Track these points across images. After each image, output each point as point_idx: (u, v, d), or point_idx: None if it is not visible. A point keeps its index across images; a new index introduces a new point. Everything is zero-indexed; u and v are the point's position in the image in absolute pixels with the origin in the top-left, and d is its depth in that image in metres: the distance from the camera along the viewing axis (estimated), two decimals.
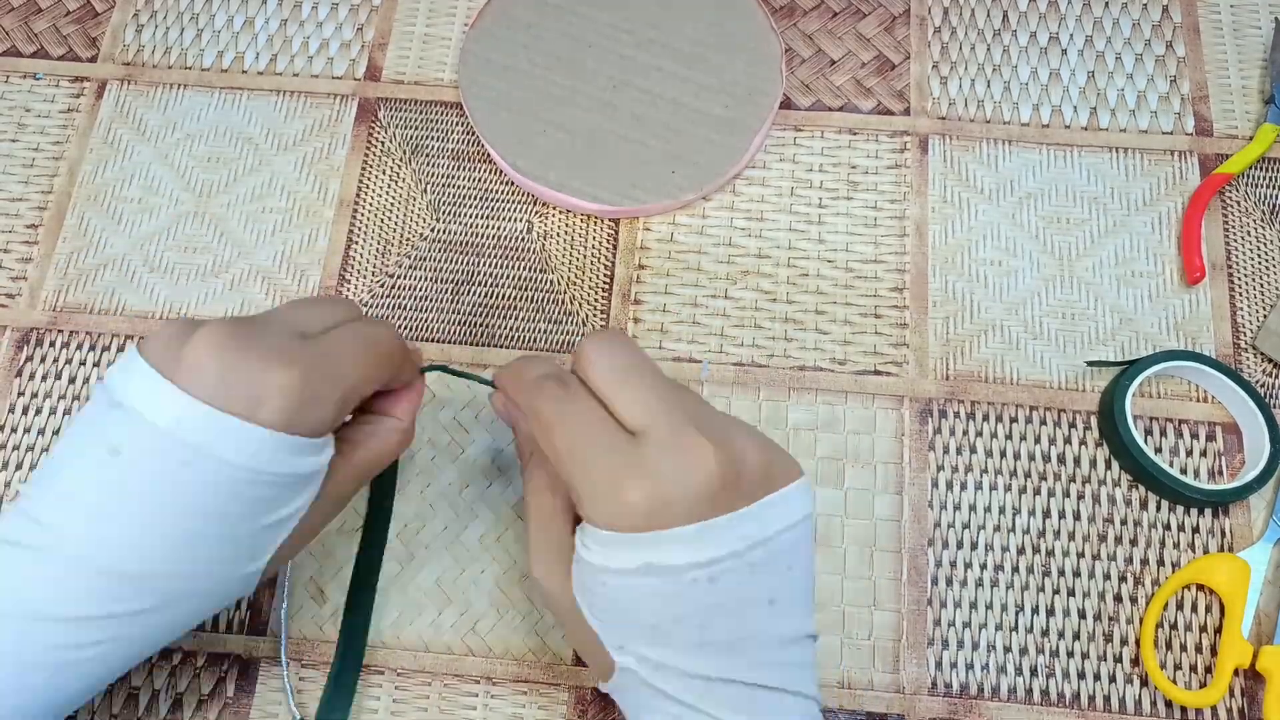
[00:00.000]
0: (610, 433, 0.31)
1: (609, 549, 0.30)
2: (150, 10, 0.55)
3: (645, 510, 0.29)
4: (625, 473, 0.30)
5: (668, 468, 0.29)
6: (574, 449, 0.31)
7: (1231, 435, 0.45)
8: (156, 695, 0.42)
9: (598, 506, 0.30)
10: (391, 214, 0.51)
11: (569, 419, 0.31)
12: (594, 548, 0.31)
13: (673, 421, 0.30)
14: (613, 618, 0.31)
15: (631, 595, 0.30)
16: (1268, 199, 0.50)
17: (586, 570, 0.31)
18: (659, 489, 0.29)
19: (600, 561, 0.30)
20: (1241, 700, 0.42)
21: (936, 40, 0.53)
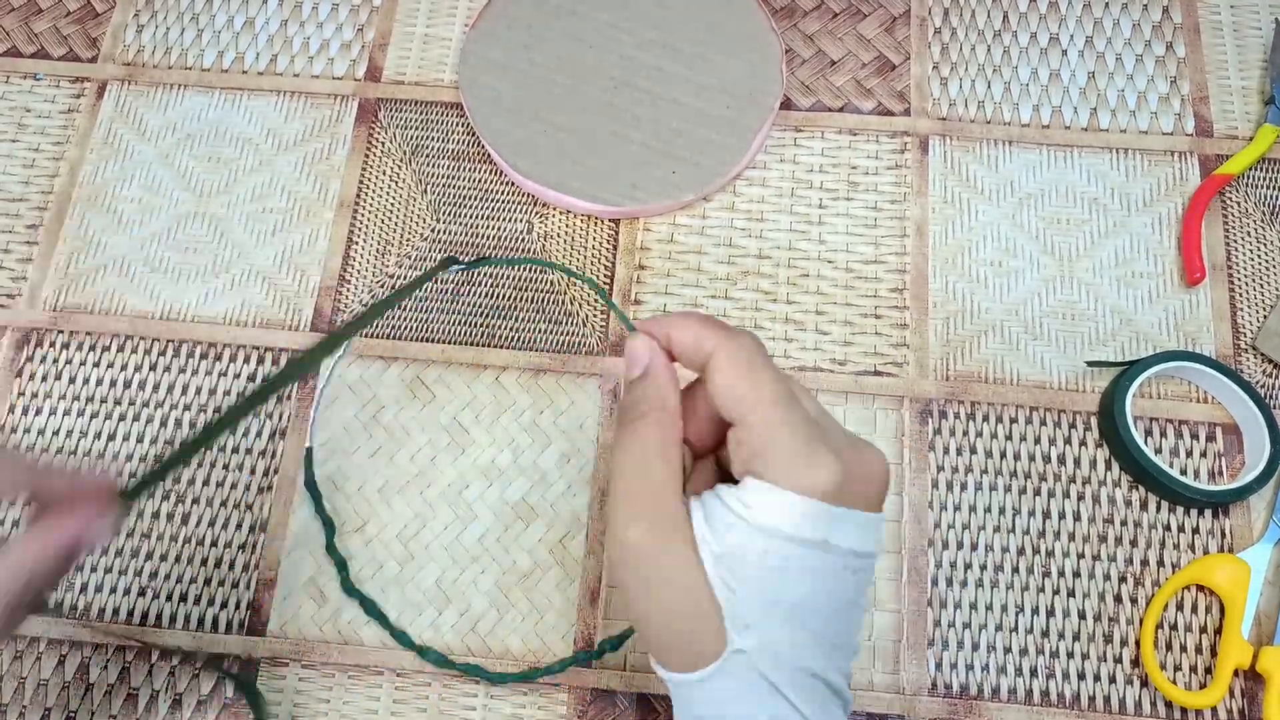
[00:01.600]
0: (802, 405, 0.31)
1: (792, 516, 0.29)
2: (150, 10, 0.55)
3: (838, 482, 0.29)
4: (823, 443, 0.29)
5: (852, 454, 0.30)
6: (779, 401, 0.30)
7: (1231, 436, 0.45)
8: (156, 695, 0.42)
9: (789, 464, 0.29)
10: (391, 214, 0.51)
11: (779, 376, 0.31)
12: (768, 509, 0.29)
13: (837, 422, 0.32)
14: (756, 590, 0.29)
15: (793, 568, 0.29)
16: (1268, 200, 0.50)
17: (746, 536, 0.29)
18: (846, 467, 0.29)
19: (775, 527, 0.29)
20: (1241, 701, 0.41)
21: (937, 41, 0.53)
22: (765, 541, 0.29)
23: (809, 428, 0.30)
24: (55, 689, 0.43)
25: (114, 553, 0.45)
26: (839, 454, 0.29)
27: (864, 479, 0.30)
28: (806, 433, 0.29)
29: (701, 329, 0.32)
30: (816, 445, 0.29)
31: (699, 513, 0.30)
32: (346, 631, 0.43)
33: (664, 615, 0.30)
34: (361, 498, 0.45)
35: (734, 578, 0.29)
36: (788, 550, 0.29)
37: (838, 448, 0.30)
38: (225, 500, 0.45)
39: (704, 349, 0.31)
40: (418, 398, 0.47)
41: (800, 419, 0.30)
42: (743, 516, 0.29)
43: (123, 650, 0.43)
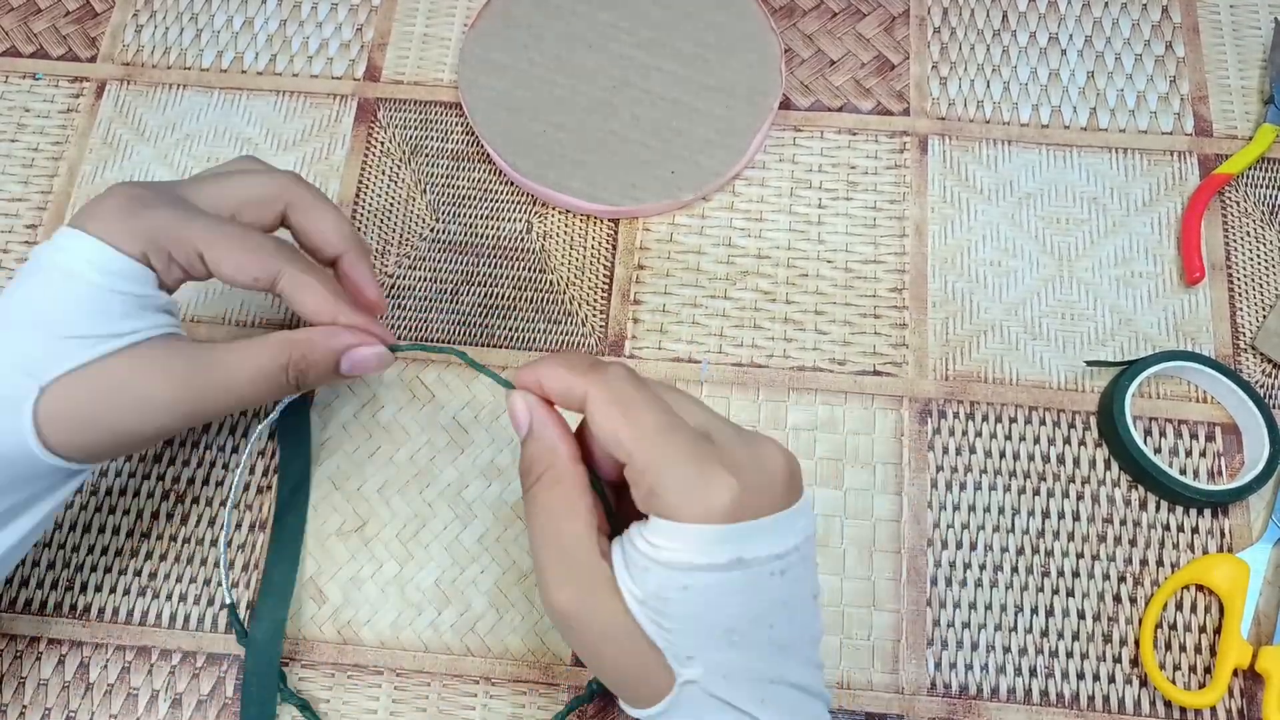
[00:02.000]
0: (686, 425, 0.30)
1: (699, 546, 0.29)
2: (150, 10, 0.55)
3: (729, 501, 0.29)
4: (713, 462, 0.29)
5: (747, 461, 0.30)
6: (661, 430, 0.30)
7: (1231, 436, 0.45)
8: (156, 695, 0.42)
9: (687, 498, 0.29)
10: (391, 214, 0.51)
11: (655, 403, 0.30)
12: (673, 546, 0.29)
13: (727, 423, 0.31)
14: (688, 624, 0.29)
15: (716, 594, 0.29)
16: (1267, 199, 0.50)
17: (662, 578, 0.29)
18: (742, 480, 0.29)
19: (686, 561, 0.29)
20: (1241, 700, 0.42)
21: (936, 40, 0.53)
22: (681, 577, 0.29)
23: (695, 450, 0.29)
24: (55, 689, 0.43)
25: (114, 553, 0.45)
26: (732, 467, 0.29)
27: (764, 483, 0.30)
28: (693, 456, 0.29)
29: (569, 374, 0.32)
30: (706, 466, 0.29)
31: (619, 558, 0.30)
32: (346, 632, 0.43)
33: (611, 665, 0.30)
34: (361, 498, 0.45)
35: (663, 617, 0.29)
36: (704, 580, 0.29)
37: (730, 461, 0.30)
38: (225, 500, 0.45)
39: (575, 395, 0.32)
40: (417, 398, 0.47)
41: (684, 443, 0.29)
42: (654, 558, 0.29)
43: (122, 650, 0.43)
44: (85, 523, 0.45)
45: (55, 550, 0.45)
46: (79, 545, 0.45)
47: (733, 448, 0.30)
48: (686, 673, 0.30)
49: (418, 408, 0.47)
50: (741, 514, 0.29)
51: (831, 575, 0.44)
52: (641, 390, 0.31)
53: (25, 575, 0.44)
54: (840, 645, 0.43)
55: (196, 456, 0.46)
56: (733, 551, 0.29)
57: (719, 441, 0.30)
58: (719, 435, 0.31)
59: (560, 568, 0.31)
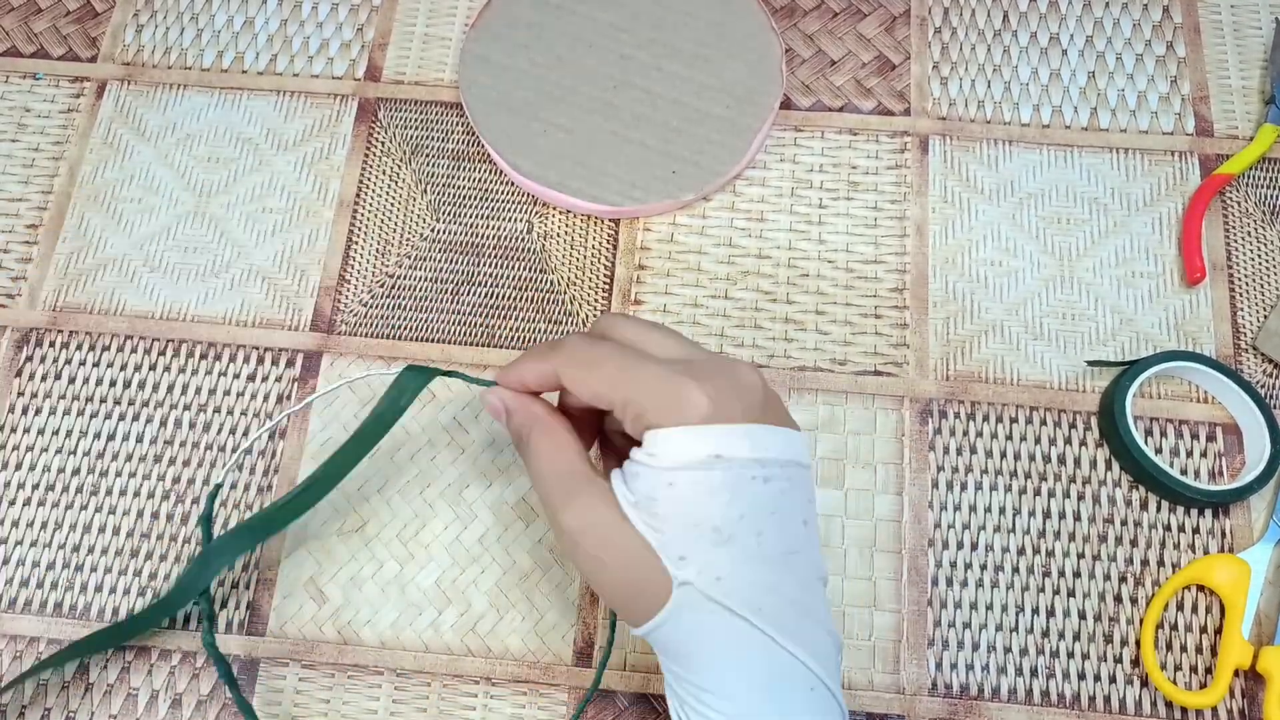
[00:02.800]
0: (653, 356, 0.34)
1: (680, 445, 0.31)
2: (150, 10, 0.55)
3: (707, 404, 0.32)
4: (686, 377, 0.32)
5: (720, 376, 0.33)
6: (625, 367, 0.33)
7: (1232, 436, 0.45)
8: (156, 695, 0.42)
9: (662, 409, 0.32)
10: (391, 214, 0.51)
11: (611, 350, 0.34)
12: (661, 450, 0.32)
13: (704, 350, 0.35)
14: (677, 524, 0.31)
15: (700, 490, 0.31)
16: (1268, 199, 0.50)
17: (651, 478, 0.32)
18: (717, 388, 0.32)
19: (670, 460, 0.31)
20: (1241, 701, 0.41)
21: (937, 40, 0.53)
22: (668, 475, 0.31)
23: (664, 370, 0.33)
24: (55, 689, 0.43)
25: (114, 553, 0.45)
26: (704, 379, 0.32)
27: (737, 394, 0.33)
28: (663, 375, 0.32)
29: (538, 363, 0.35)
30: (678, 381, 0.32)
31: (616, 479, 0.33)
32: (346, 632, 0.43)
33: (615, 575, 0.33)
34: (361, 498, 0.45)
35: (655, 519, 0.32)
36: (688, 476, 0.31)
37: (703, 375, 0.32)
38: (225, 500, 0.45)
39: (549, 375, 0.35)
40: (418, 398, 0.47)
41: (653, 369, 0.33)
42: (647, 464, 0.32)
43: (122, 650, 0.43)
44: (85, 523, 0.45)
45: (55, 550, 0.45)
46: (79, 545, 0.45)
47: (707, 367, 0.33)
48: (681, 573, 0.31)
49: (418, 408, 0.47)
50: (716, 417, 0.32)
51: (833, 575, 0.44)
52: (598, 345, 0.34)
53: (25, 575, 0.44)
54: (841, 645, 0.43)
55: (197, 457, 0.46)
56: (711, 448, 0.31)
57: (699, 361, 0.34)
58: (693, 359, 0.34)
59: (562, 491, 0.34)
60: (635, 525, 0.32)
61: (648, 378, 0.33)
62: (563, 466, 0.34)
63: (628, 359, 0.33)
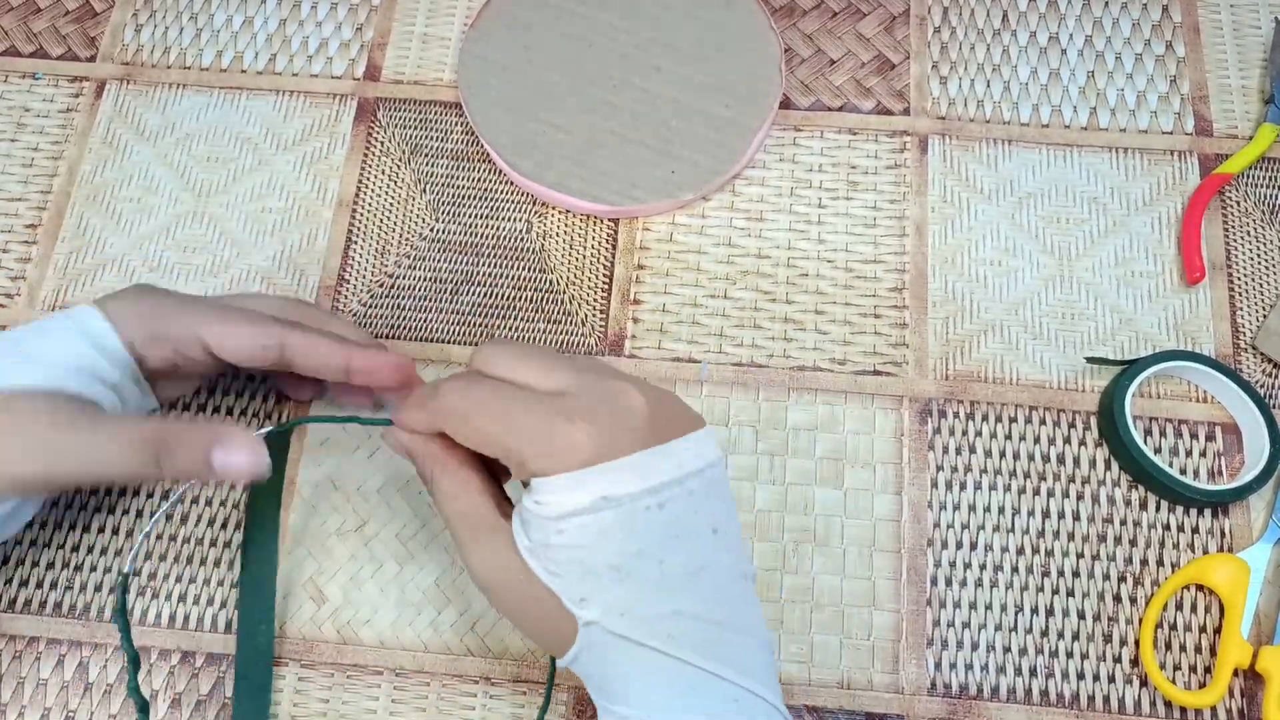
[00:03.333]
0: (530, 393, 0.32)
1: (563, 493, 0.31)
2: (150, 10, 0.55)
3: (588, 445, 0.31)
4: (561, 417, 0.31)
5: (600, 407, 0.31)
6: (499, 415, 0.32)
7: (1231, 435, 0.45)
8: (155, 695, 0.42)
9: (541, 456, 0.31)
10: (391, 214, 0.51)
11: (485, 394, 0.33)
12: (547, 499, 0.31)
13: (590, 374, 0.33)
14: (574, 568, 0.31)
15: (592, 534, 0.31)
16: (1268, 199, 0.50)
17: (541, 526, 0.31)
18: (597, 424, 0.31)
19: (556, 509, 0.31)
20: (1241, 701, 0.42)
21: (936, 40, 0.53)
22: (557, 524, 0.31)
23: (539, 415, 0.31)
24: (54, 689, 0.43)
25: (114, 553, 0.45)
26: (581, 417, 0.31)
27: (620, 424, 0.31)
28: (540, 420, 0.31)
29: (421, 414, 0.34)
30: (555, 423, 0.31)
31: (516, 520, 0.33)
32: (346, 631, 0.43)
33: (526, 616, 0.33)
34: (361, 498, 0.45)
35: (551, 563, 0.31)
36: (576, 522, 0.31)
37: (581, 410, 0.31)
38: (225, 500, 0.45)
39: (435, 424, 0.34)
40: None
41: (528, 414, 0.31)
42: (535, 512, 0.31)
43: (122, 650, 0.43)
44: (85, 523, 0.45)
45: (55, 550, 0.45)
46: (79, 545, 0.45)
47: (585, 399, 0.32)
48: (585, 614, 0.31)
49: None
50: (600, 456, 0.31)
51: (832, 575, 0.44)
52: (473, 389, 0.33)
53: (25, 575, 0.44)
54: (840, 645, 0.43)
55: None
56: (595, 491, 0.30)
57: (572, 396, 0.32)
58: (574, 390, 0.32)
59: (470, 536, 0.33)
60: (535, 570, 0.32)
61: (524, 424, 0.31)
62: (465, 507, 0.34)
63: (503, 403, 0.32)
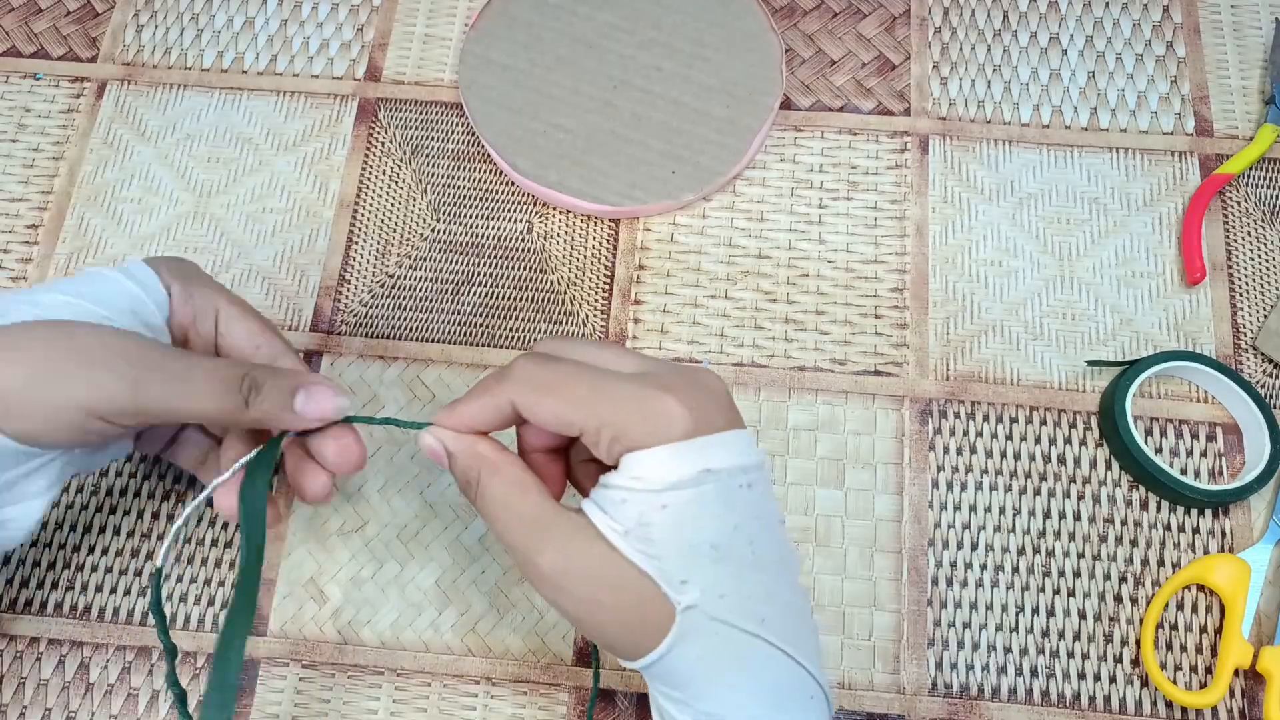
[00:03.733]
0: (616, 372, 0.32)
1: (667, 464, 0.30)
2: (150, 10, 0.55)
3: (687, 418, 0.30)
4: (657, 391, 0.30)
5: (688, 385, 0.31)
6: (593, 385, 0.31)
7: (1232, 436, 0.45)
8: (156, 695, 0.42)
9: (645, 427, 0.30)
10: (391, 214, 0.51)
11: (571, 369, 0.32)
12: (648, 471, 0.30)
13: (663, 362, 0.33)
14: (675, 547, 0.30)
15: (694, 510, 0.30)
16: (1268, 199, 0.50)
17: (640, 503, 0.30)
18: (692, 398, 0.31)
19: (659, 481, 0.30)
20: (1242, 701, 0.42)
21: (937, 40, 0.53)
22: (658, 498, 0.30)
23: (636, 388, 0.31)
24: (55, 689, 0.43)
25: (114, 553, 0.45)
26: (674, 390, 0.31)
27: (710, 402, 0.31)
28: (636, 394, 0.31)
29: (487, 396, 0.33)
30: (652, 397, 0.30)
31: (593, 510, 0.31)
32: (346, 631, 0.43)
33: (612, 611, 0.31)
34: (361, 498, 0.45)
35: (650, 545, 0.30)
36: (680, 496, 0.30)
37: (673, 387, 0.31)
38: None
39: (503, 409, 0.32)
40: (418, 397, 0.47)
41: (623, 387, 0.31)
42: (632, 489, 0.30)
43: (123, 650, 0.43)
44: (85, 523, 0.45)
45: (55, 550, 0.45)
46: (79, 545, 0.45)
47: (671, 378, 0.31)
48: (685, 598, 0.30)
49: (418, 408, 0.47)
50: (698, 429, 0.30)
51: (832, 575, 0.44)
52: (557, 367, 0.32)
53: (25, 575, 0.44)
54: (841, 645, 0.43)
55: None
56: (699, 462, 0.30)
57: (661, 372, 0.32)
58: (655, 371, 0.32)
59: (534, 537, 0.31)
60: (627, 555, 0.30)
61: (620, 395, 0.30)
62: (527, 509, 0.32)
63: (593, 377, 0.31)
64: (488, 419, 0.33)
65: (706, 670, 0.30)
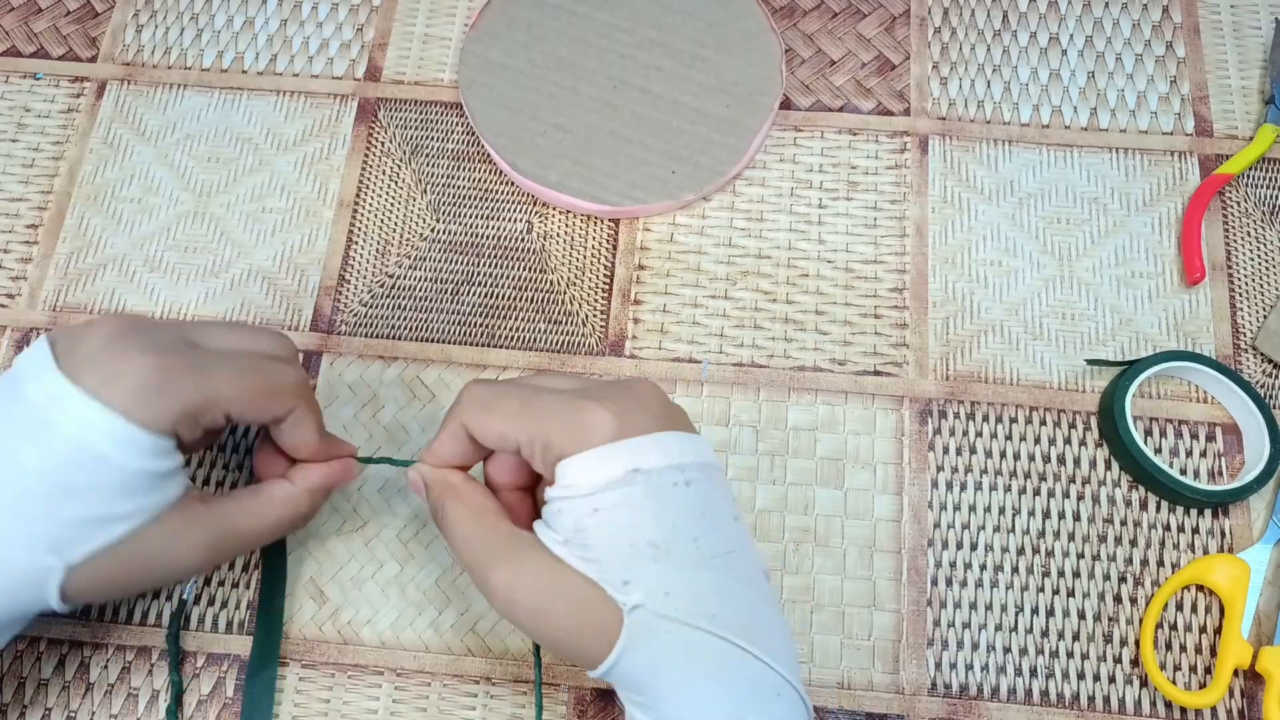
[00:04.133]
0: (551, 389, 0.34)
1: (594, 467, 0.31)
2: (150, 10, 0.55)
3: (612, 422, 0.32)
4: (584, 400, 0.32)
5: (618, 394, 0.33)
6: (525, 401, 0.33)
7: (1231, 436, 0.45)
8: (156, 695, 0.42)
9: (568, 434, 0.32)
10: (391, 214, 0.51)
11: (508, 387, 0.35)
12: (577, 478, 0.31)
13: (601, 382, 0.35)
14: (613, 549, 0.31)
15: (626, 510, 0.31)
16: (1268, 199, 0.50)
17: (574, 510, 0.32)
18: (618, 405, 0.32)
19: (589, 486, 0.31)
20: (1241, 701, 0.42)
21: (936, 40, 0.53)
22: (590, 502, 0.31)
23: (563, 400, 0.33)
24: (55, 689, 0.43)
25: None
26: (601, 399, 0.32)
27: (639, 407, 0.33)
28: (563, 404, 0.32)
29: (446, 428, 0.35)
30: (575, 405, 0.32)
31: (539, 526, 0.33)
32: (346, 632, 0.43)
33: (561, 621, 0.32)
34: (361, 498, 0.45)
35: (588, 550, 0.31)
36: (611, 497, 0.31)
37: (602, 396, 0.33)
38: None
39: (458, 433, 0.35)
40: (418, 398, 0.47)
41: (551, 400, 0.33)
42: (565, 497, 0.32)
43: (123, 650, 0.43)
44: None
45: None
46: None
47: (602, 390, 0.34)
48: (630, 598, 0.31)
49: (418, 408, 0.47)
50: (624, 433, 0.32)
51: (832, 575, 0.44)
52: (496, 387, 0.35)
53: None
54: (841, 645, 0.43)
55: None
56: (626, 463, 0.31)
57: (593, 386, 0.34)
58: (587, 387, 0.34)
59: (486, 552, 0.33)
60: (570, 563, 0.31)
61: (549, 407, 0.33)
62: (482, 529, 0.34)
63: (526, 393, 0.34)
64: (452, 448, 0.36)
65: (661, 670, 0.31)
